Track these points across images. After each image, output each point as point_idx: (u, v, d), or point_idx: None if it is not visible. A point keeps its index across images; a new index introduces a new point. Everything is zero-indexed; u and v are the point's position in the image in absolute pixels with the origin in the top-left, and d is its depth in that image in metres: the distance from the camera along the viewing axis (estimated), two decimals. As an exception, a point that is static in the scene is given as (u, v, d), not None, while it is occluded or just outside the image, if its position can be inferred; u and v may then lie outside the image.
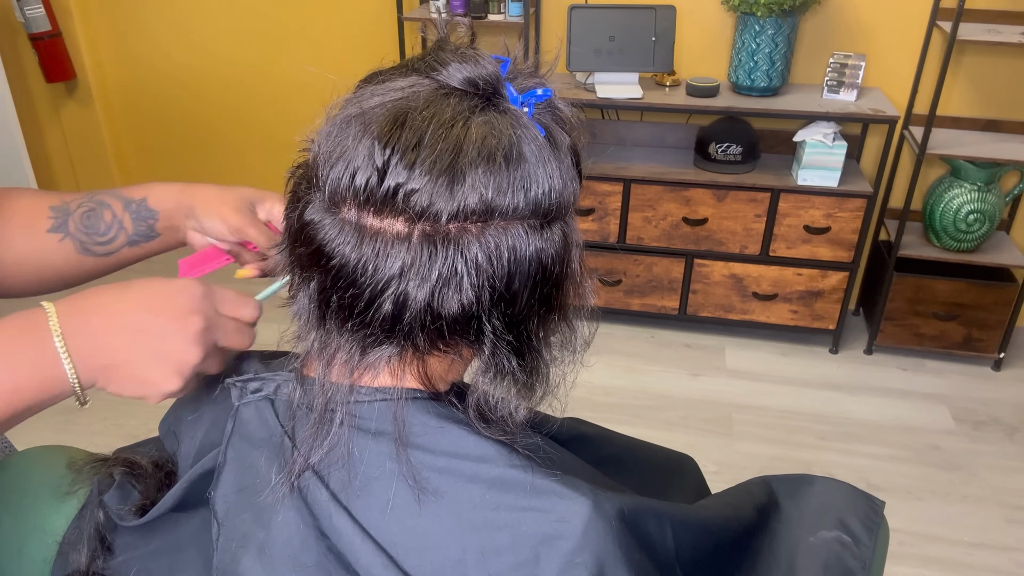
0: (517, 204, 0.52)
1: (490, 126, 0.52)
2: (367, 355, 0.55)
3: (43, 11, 2.82)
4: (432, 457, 0.57)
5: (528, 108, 0.55)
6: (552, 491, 0.56)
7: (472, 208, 0.50)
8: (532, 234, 0.54)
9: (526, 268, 0.54)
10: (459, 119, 0.51)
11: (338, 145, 0.52)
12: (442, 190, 0.50)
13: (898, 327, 2.58)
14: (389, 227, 0.51)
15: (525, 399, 0.60)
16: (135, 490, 0.68)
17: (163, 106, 3.14)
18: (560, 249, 0.56)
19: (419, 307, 0.52)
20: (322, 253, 0.53)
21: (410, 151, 0.50)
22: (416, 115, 0.51)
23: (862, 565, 0.76)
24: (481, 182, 0.50)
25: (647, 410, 2.40)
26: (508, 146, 0.51)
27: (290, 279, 0.58)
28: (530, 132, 0.53)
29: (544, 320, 0.59)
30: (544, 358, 0.60)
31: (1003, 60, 2.45)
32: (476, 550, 0.55)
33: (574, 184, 0.56)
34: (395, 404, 0.57)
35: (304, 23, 2.86)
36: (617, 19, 2.44)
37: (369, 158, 0.50)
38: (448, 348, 0.57)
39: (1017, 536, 1.98)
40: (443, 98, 0.53)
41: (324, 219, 0.52)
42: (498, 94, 0.54)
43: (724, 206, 2.49)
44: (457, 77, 0.54)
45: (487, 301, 0.53)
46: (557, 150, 0.55)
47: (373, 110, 0.52)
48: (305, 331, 0.57)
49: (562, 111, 0.57)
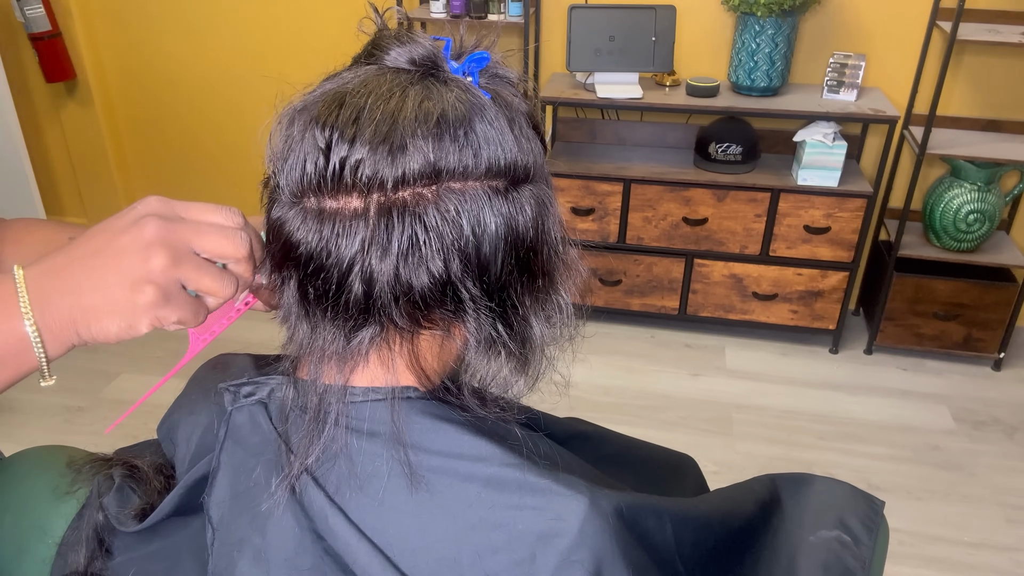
0: (467, 164, 0.52)
1: (427, 92, 0.53)
2: (351, 340, 0.55)
3: (43, 11, 2.82)
4: (427, 456, 0.57)
5: (472, 77, 0.56)
6: (548, 489, 0.56)
7: (417, 171, 0.51)
8: (496, 198, 0.54)
9: (493, 232, 0.54)
10: (396, 90, 0.52)
11: (287, 140, 0.53)
12: (384, 156, 0.50)
13: (898, 327, 2.58)
14: (345, 205, 0.51)
15: (521, 373, 0.60)
16: (134, 493, 0.68)
17: (163, 106, 3.14)
18: (532, 213, 0.56)
19: (387, 280, 0.52)
20: (290, 245, 0.53)
21: (349, 126, 0.51)
22: (354, 94, 0.52)
23: (862, 565, 0.76)
24: (422, 144, 0.51)
25: (647, 410, 2.40)
26: (446, 108, 0.52)
27: (272, 282, 0.58)
28: (473, 95, 0.54)
29: (529, 288, 0.58)
30: (534, 327, 0.59)
31: (1003, 60, 2.45)
32: (472, 549, 0.55)
33: (533, 145, 0.57)
34: (389, 403, 0.57)
35: (303, 23, 2.86)
36: (617, 19, 2.44)
37: (313, 143, 0.51)
38: (432, 324, 0.56)
39: (1017, 536, 1.98)
40: (381, 76, 0.54)
41: (288, 213, 0.53)
42: (438, 67, 0.55)
43: (724, 206, 2.49)
44: (399, 60, 0.55)
45: (458, 268, 0.53)
46: (508, 111, 0.55)
47: (315, 100, 0.53)
48: (292, 331, 0.57)
49: (507, 76, 0.58)
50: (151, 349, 2.60)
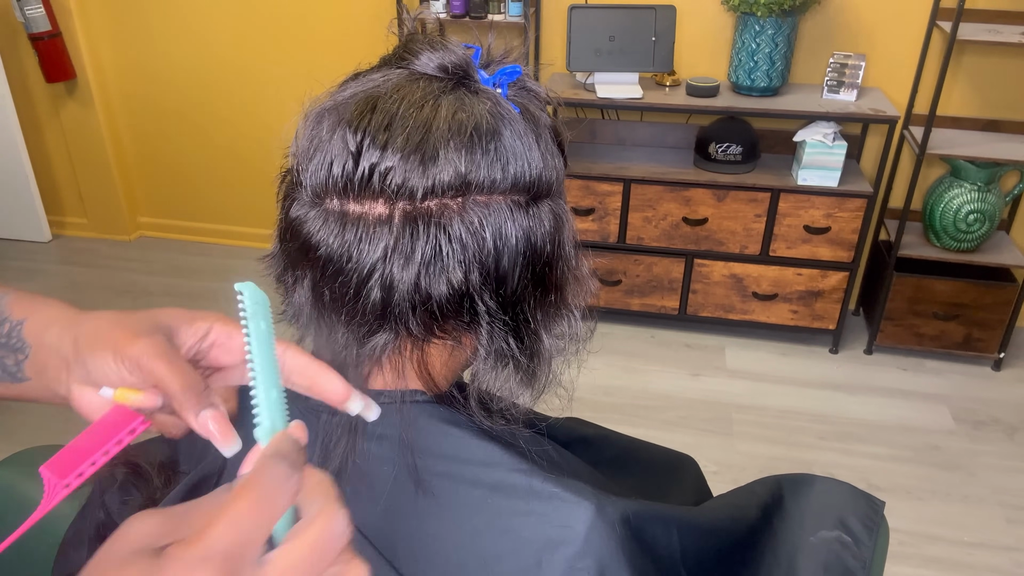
0: (495, 178, 0.52)
1: (460, 103, 0.52)
2: (364, 345, 0.55)
3: (43, 11, 2.82)
4: (433, 461, 0.56)
5: (502, 89, 0.55)
6: (555, 496, 0.56)
7: (447, 182, 0.50)
8: (518, 211, 0.53)
9: (514, 246, 0.54)
10: (429, 99, 0.52)
11: (314, 139, 0.52)
12: (415, 166, 0.50)
13: (898, 327, 2.58)
14: (370, 211, 0.51)
15: (528, 386, 0.60)
16: (136, 492, 0.68)
17: (163, 106, 3.14)
18: (550, 228, 0.56)
19: (407, 289, 0.52)
20: (309, 246, 0.53)
21: (381, 132, 0.50)
22: (386, 99, 0.52)
23: (862, 565, 0.76)
24: (454, 156, 0.50)
25: (647, 410, 2.40)
26: (480, 121, 0.52)
27: (286, 280, 0.57)
28: (504, 108, 0.54)
29: (541, 302, 0.58)
30: (544, 341, 0.59)
31: (1003, 60, 2.45)
32: (477, 555, 0.54)
33: (556, 161, 0.57)
34: (397, 407, 0.57)
35: (304, 23, 2.85)
36: (617, 19, 2.44)
37: (343, 145, 0.51)
38: (444, 334, 0.56)
39: (1017, 536, 1.98)
40: (413, 82, 0.53)
41: (309, 213, 0.53)
42: (469, 77, 0.55)
43: (724, 206, 2.49)
44: (429, 65, 0.54)
45: (477, 280, 0.53)
46: (535, 126, 0.55)
47: (345, 102, 0.53)
48: (304, 331, 0.57)
49: (536, 90, 0.58)
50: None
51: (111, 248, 3.36)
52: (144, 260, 3.27)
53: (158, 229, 3.44)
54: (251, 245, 3.30)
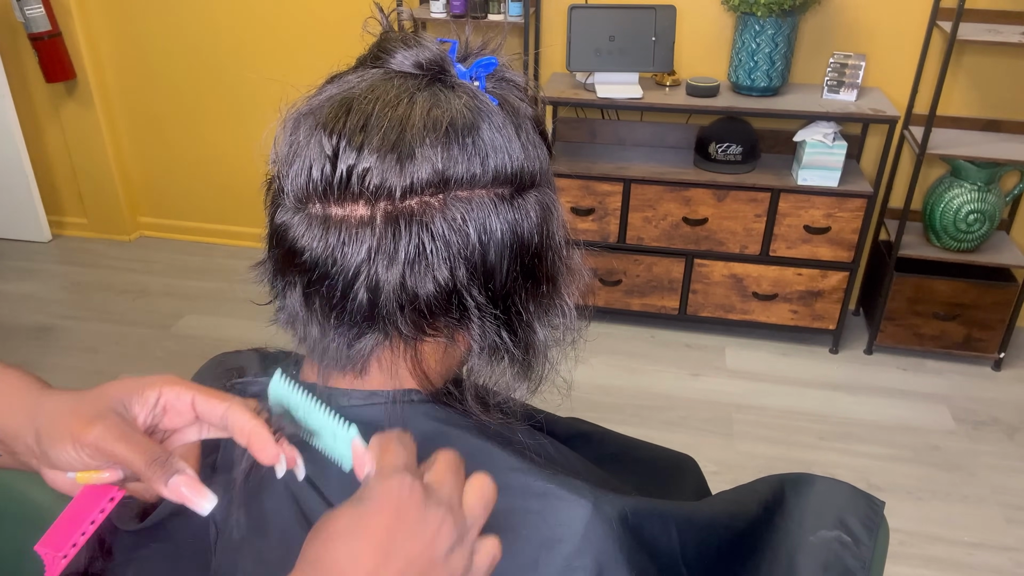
0: (475, 172, 0.52)
1: (435, 99, 0.52)
2: (354, 347, 0.55)
3: (43, 11, 2.82)
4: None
5: (479, 82, 0.55)
6: (551, 494, 0.56)
7: (426, 180, 0.50)
8: (502, 205, 0.53)
9: (499, 239, 0.53)
10: (404, 97, 0.52)
11: (292, 145, 0.52)
12: (392, 165, 0.50)
13: (898, 327, 2.58)
14: (352, 213, 0.51)
15: (524, 379, 0.59)
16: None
17: (163, 106, 3.14)
18: (537, 219, 0.56)
19: (393, 289, 0.52)
20: (295, 251, 0.53)
21: (357, 133, 0.50)
22: (361, 100, 0.52)
23: (862, 565, 0.76)
24: (431, 153, 0.50)
25: (647, 410, 2.40)
26: (455, 116, 0.52)
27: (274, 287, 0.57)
28: (481, 101, 0.53)
29: (534, 294, 0.58)
30: (538, 333, 0.59)
31: (1003, 60, 2.45)
32: None
33: (539, 151, 0.56)
34: (391, 407, 0.57)
35: (304, 24, 2.86)
36: (617, 19, 2.44)
37: (320, 149, 0.51)
38: (436, 331, 0.56)
39: (1017, 536, 1.98)
40: (388, 81, 0.53)
41: (293, 218, 0.53)
42: (445, 72, 0.55)
43: (724, 206, 2.49)
44: (404, 63, 0.54)
45: (464, 276, 0.53)
46: (514, 117, 0.55)
47: (321, 105, 0.53)
48: (297, 336, 0.57)
49: (515, 80, 0.57)
50: (151, 348, 2.60)
51: (111, 248, 3.36)
52: (144, 260, 3.27)
53: (158, 229, 3.44)
54: (251, 245, 3.30)
